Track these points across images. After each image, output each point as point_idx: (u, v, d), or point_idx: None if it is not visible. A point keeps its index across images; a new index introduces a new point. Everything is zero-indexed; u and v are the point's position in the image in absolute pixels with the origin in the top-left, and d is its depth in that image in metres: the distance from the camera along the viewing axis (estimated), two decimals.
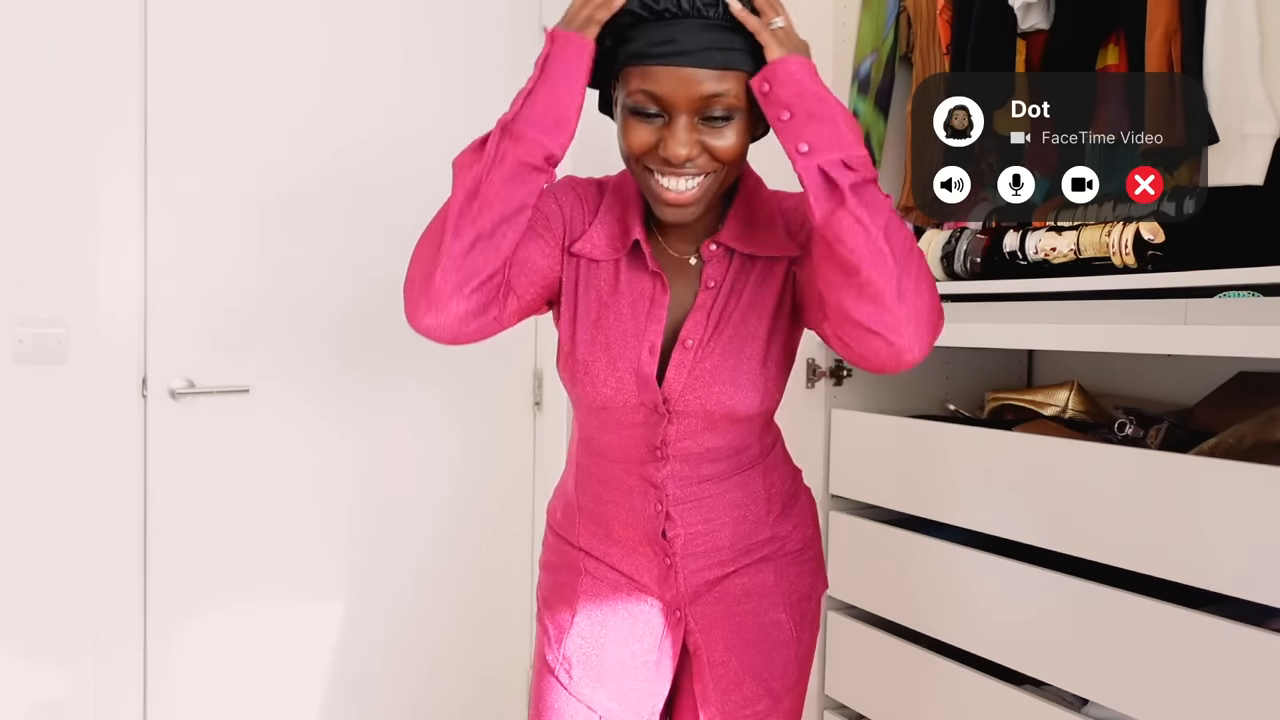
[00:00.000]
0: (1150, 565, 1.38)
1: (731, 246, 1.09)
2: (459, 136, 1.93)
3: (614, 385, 1.09)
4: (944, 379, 2.16)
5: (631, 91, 0.98)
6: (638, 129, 1.00)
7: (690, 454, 1.13)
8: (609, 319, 1.09)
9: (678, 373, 1.09)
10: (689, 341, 1.09)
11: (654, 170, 1.01)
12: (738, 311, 1.09)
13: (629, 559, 1.18)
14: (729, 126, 0.99)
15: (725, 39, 0.96)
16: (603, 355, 1.09)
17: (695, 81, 0.95)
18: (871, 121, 2.03)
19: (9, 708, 1.73)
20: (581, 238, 1.10)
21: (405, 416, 2.03)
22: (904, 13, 2.00)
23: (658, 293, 1.09)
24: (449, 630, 2.07)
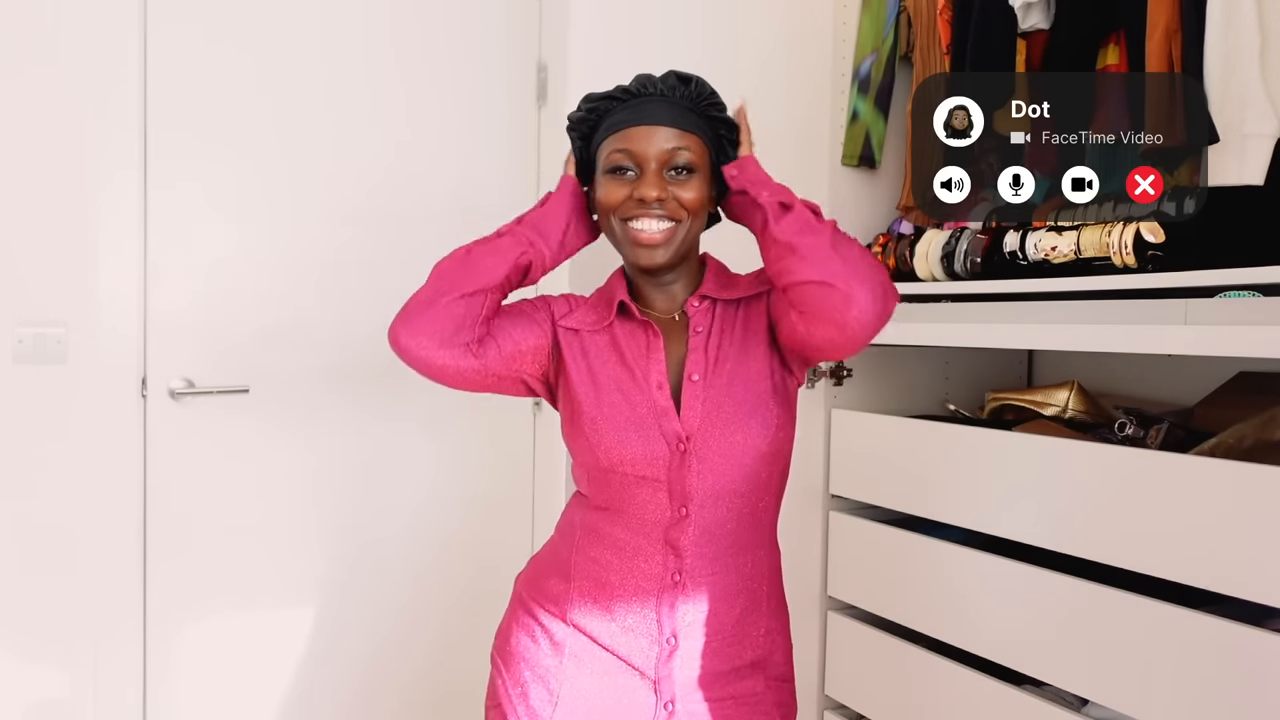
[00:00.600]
0: (1150, 565, 1.38)
1: (713, 296, 1.21)
2: (458, 136, 1.92)
3: (635, 428, 1.14)
4: (944, 379, 2.16)
5: (608, 155, 1.17)
6: (614, 186, 1.17)
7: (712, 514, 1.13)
8: (611, 374, 1.18)
9: (692, 407, 1.14)
10: (695, 376, 1.16)
11: (628, 219, 1.16)
12: (733, 347, 1.18)
13: (625, 637, 1.14)
14: (691, 180, 1.17)
15: (684, 113, 1.18)
16: (623, 405, 1.15)
17: (661, 138, 1.15)
18: (871, 121, 2.04)
19: (8, 708, 1.73)
20: (569, 315, 1.23)
21: (405, 417, 2.03)
22: (904, 12, 2.00)
23: (651, 338, 1.19)
24: (449, 631, 2.07)
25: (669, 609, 1.13)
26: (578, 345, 1.21)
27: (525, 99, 2.08)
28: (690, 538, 1.13)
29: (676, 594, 1.13)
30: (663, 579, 1.13)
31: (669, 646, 1.13)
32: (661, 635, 1.13)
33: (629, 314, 1.21)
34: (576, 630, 1.16)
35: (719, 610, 1.14)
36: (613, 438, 1.13)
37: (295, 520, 1.95)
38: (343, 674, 2.00)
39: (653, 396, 1.15)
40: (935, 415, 2.00)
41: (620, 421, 1.14)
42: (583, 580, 1.17)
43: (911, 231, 1.97)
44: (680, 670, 1.14)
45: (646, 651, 1.14)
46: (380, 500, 2.02)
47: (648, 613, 1.13)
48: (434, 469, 2.07)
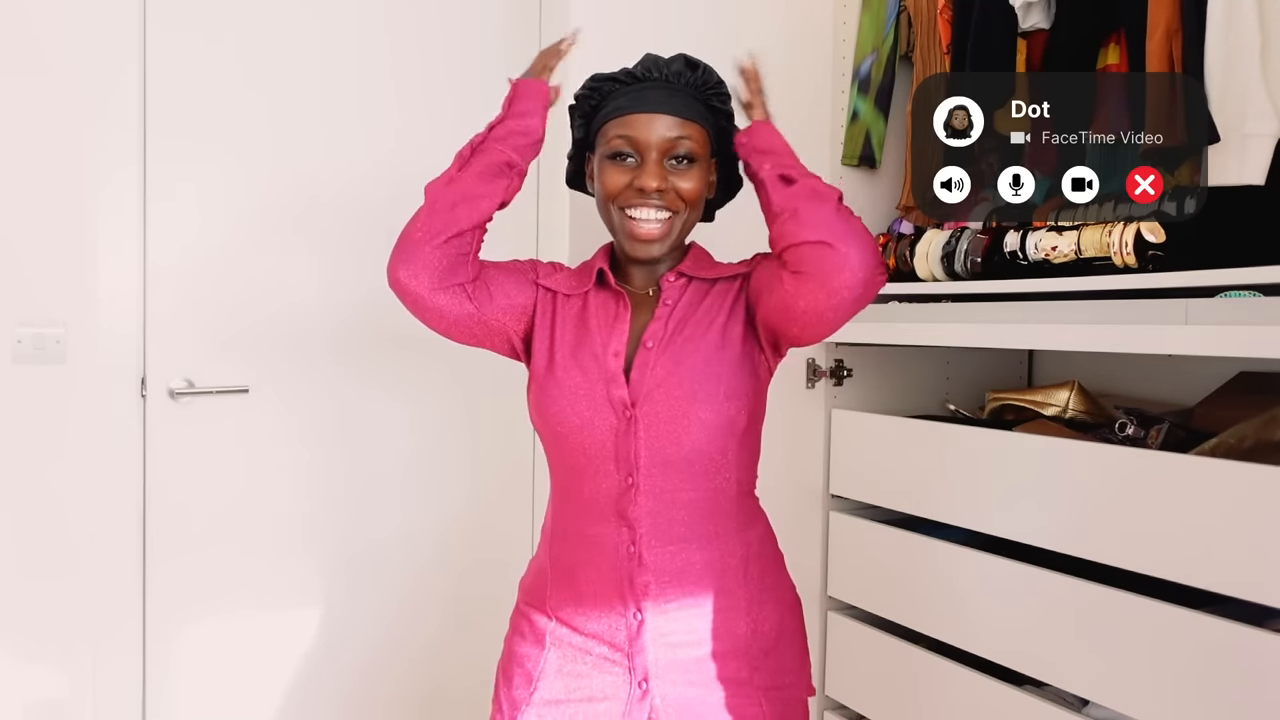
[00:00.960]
0: (1150, 565, 1.38)
1: (688, 274, 1.23)
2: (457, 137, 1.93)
3: (584, 395, 1.15)
4: (944, 379, 2.16)
5: (610, 140, 1.18)
6: (614, 172, 1.18)
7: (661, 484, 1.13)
8: (571, 340, 1.20)
9: (641, 371, 1.15)
10: (649, 343, 1.17)
11: (627, 209, 1.17)
12: (696, 319, 1.19)
13: (598, 618, 1.15)
14: (691, 170, 1.18)
15: (689, 101, 1.18)
16: (576, 371, 1.17)
17: (662, 126, 1.16)
18: (872, 121, 2.04)
19: (8, 708, 1.73)
20: (551, 277, 1.26)
21: (405, 417, 2.03)
22: (904, 12, 2.00)
23: (620, 309, 1.20)
24: (449, 630, 2.07)
25: (629, 583, 1.13)
26: (550, 307, 1.23)
27: None
28: (642, 508, 1.13)
29: (634, 566, 1.13)
30: (619, 552, 1.14)
31: (636, 622, 1.13)
32: (627, 611, 1.14)
33: (605, 283, 1.23)
34: (557, 621, 1.18)
35: (685, 588, 1.14)
36: (561, 403, 1.15)
37: (295, 520, 1.95)
38: (343, 674, 2.00)
39: (606, 364, 1.16)
40: (935, 415, 2.00)
41: (570, 387, 1.16)
42: (557, 573, 1.19)
43: (912, 231, 1.97)
44: (652, 648, 1.13)
45: (617, 628, 1.14)
46: (380, 500, 2.02)
47: (612, 590, 1.14)
48: (434, 469, 2.07)
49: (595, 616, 1.15)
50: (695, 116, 1.18)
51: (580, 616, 1.16)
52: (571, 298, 1.23)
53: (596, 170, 1.22)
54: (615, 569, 1.14)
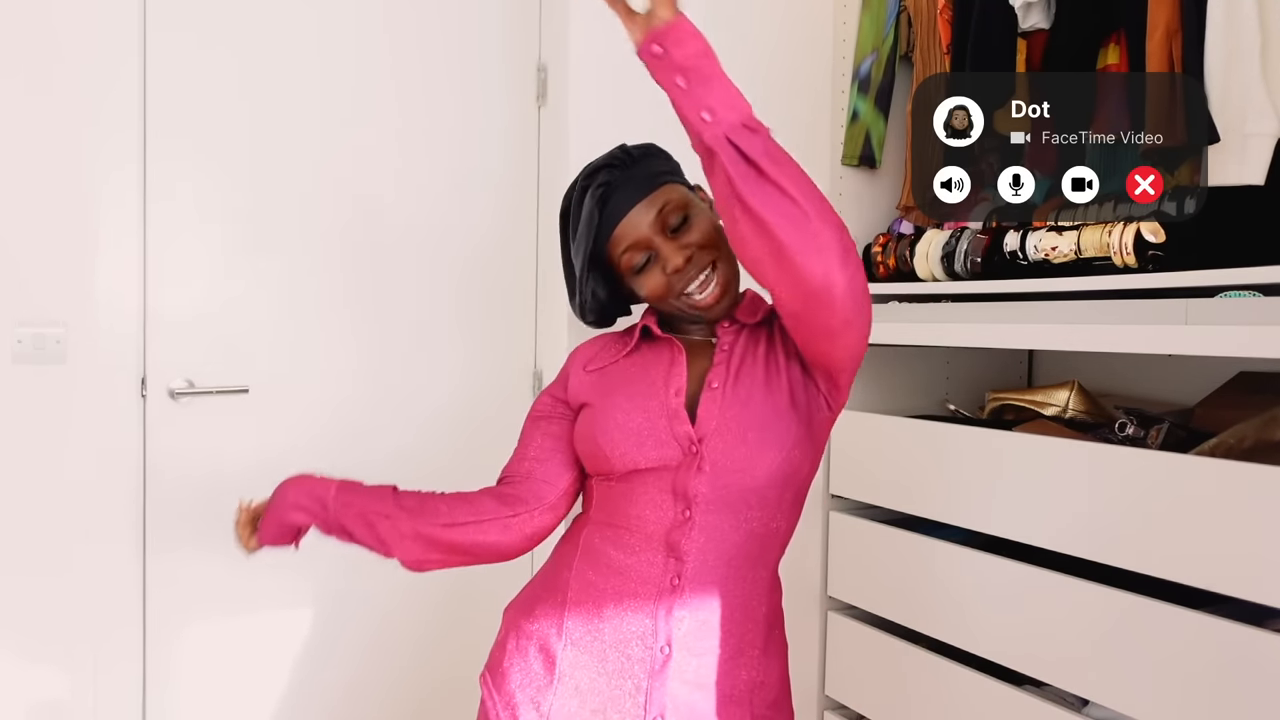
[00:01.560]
0: (1150, 565, 1.38)
1: (742, 321, 1.21)
2: (457, 136, 1.92)
3: (648, 429, 1.13)
4: (944, 379, 2.16)
5: (621, 258, 1.18)
6: (648, 279, 1.18)
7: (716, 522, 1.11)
8: (627, 387, 1.18)
9: (708, 411, 1.13)
10: (714, 384, 1.15)
11: (679, 293, 1.17)
12: (757, 364, 1.17)
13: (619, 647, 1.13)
14: (692, 223, 1.17)
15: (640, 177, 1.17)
16: (636, 411, 1.15)
17: (644, 213, 1.16)
18: (872, 121, 2.04)
19: (8, 708, 1.73)
20: (593, 359, 1.25)
21: (405, 417, 2.03)
22: (904, 12, 2.00)
23: (675, 354, 1.20)
24: (448, 631, 2.07)
25: (665, 614, 1.11)
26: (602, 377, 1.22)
27: (525, 99, 2.07)
28: (693, 542, 1.11)
29: (674, 598, 1.11)
30: (661, 583, 1.11)
31: (663, 655, 1.11)
32: (656, 643, 1.11)
33: (651, 336, 1.22)
34: (570, 647, 1.15)
35: (716, 626, 1.12)
36: (619, 439, 1.14)
37: None
38: (343, 674, 2.00)
39: (668, 402, 1.15)
40: (935, 415, 2.00)
41: (631, 426, 1.14)
42: (579, 599, 1.15)
43: (912, 231, 1.97)
44: (672, 682, 1.11)
45: (640, 660, 1.11)
46: None
47: (643, 619, 1.11)
48: (434, 470, 2.07)
49: (617, 650, 1.12)
50: (656, 181, 1.17)
51: (600, 648, 1.13)
52: (617, 361, 1.23)
53: (632, 284, 1.21)
54: (654, 599, 1.12)
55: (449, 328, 2.05)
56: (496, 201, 2.07)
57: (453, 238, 2.04)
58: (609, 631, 1.13)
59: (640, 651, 1.11)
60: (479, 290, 2.07)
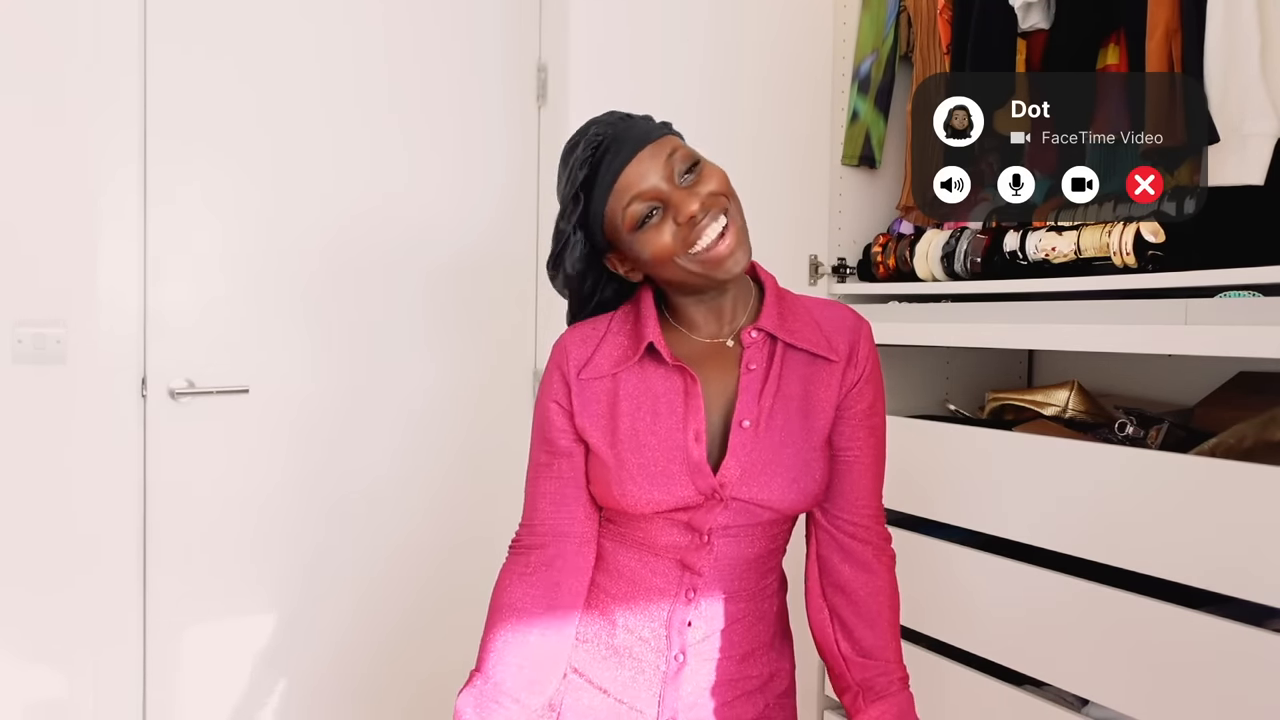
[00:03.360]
0: (1150, 565, 1.38)
1: (772, 333, 1.10)
2: (457, 136, 1.92)
3: (664, 481, 1.05)
4: (944, 379, 2.16)
5: (625, 211, 1.04)
6: (654, 235, 1.04)
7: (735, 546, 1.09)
8: (643, 423, 1.07)
9: (736, 455, 1.06)
10: (745, 422, 1.06)
11: (691, 244, 1.04)
12: (792, 400, 1.08)
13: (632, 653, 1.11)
14: (703, 169, 1.06)
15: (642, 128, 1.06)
16: (654, 455, 1.06)
17: (649, 159, 1.04)
18: (871, 121, 2.04)
19: (8, 708, 1.73)
20: (589, 364, 1.10)
21: (406, 417, 2.03)
22: (904, 12, 2.00)
23: (688, 384, 1.08)
24: (448, 632, 2.07)
25: (680, 625, 1.10)
26: (597, 392, 1.10)
27: (525, 99, 2.07)
28: (709, 562, 1.09)
29: (689, 609, 1.10)
30: (676, 595, 1.10)
31: (677, 664, 1.10)
32: (670, 651, 1.10)
33: (657, 356, 1.09)
34: (580, 646, 1.13)
35: (730, 630, 1.12)
36: (639, 491, 1.06)
37: (295, 520, 1.95)
38: (343, 674, 2.00)
39: (688, 449, 1.05)
40: (935, 415, 2.00)
41: (649, 477, 1.06)
42: (590, 603, 1.14)
43: (912, 231, 1.97)
44: (686, 687, 1.11)
45: (653, 665, 1.11)
46: (380, 500, 2.02)
47: (657, 629, 1.10)
48: (434, 470, 2.07)
49: (632, 649, 1.11)
50: (661, 129, 1.07)
51: (613, 652, 1.12)
52: (620, 376, 1.10)
53: (633, 253, 1.07)
54: (669, 610, 1.10)
55: (449, 327, 2.05)
56: (497, 201, 2.08)
57: (453, 237, 2.04)
58: (621, 636, 1.12)
59: (654, 658, 1.11)
60: (479, 289, 2.07)
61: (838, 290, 2.08)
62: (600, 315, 1.15)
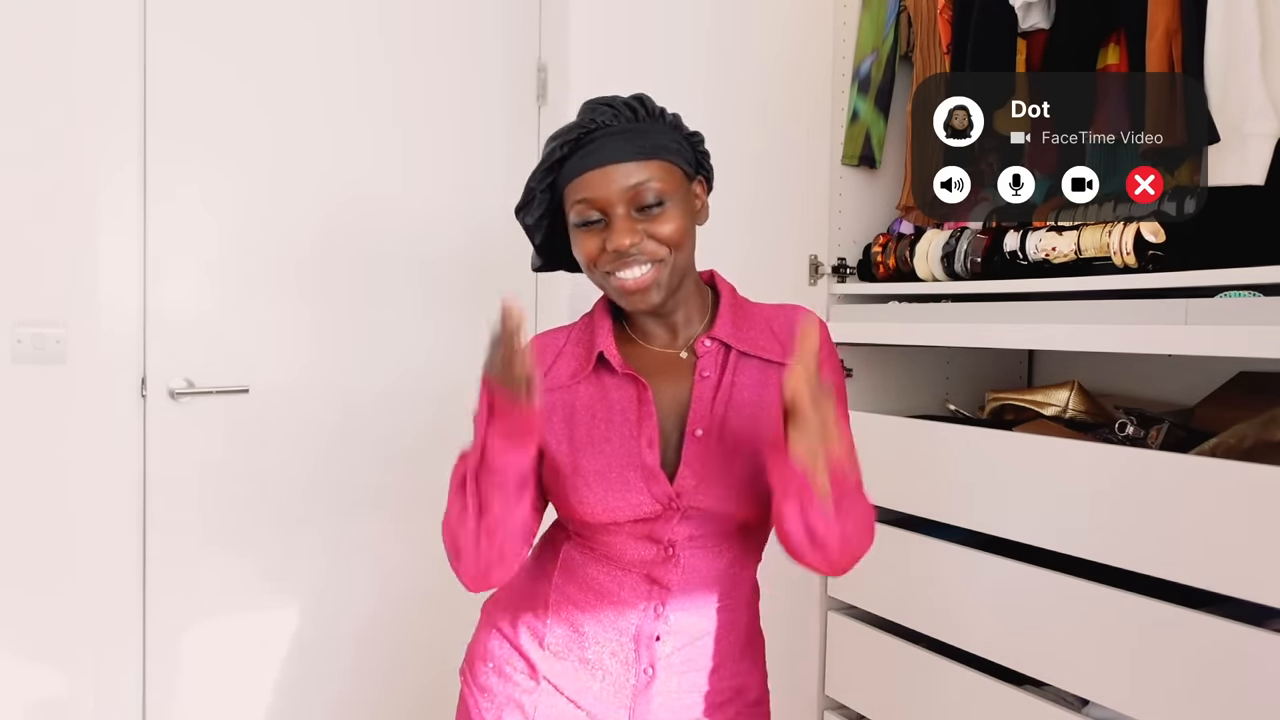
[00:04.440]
0: (1150, 565, 1.38)
1: (726, 341, 1.11)
2: (458, 136, 1.92)
3: (620, 490, 1.06)
4: (944, 379, 2.16)
5: (572, 206, 1.06)
6: (586, 239, 1.06)
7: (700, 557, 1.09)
8: (599, 431, 1.08)
9: (690, 465, 1.06)
10: (698, 431, 1.07)
11: (609, 270, 1.06)
12: (744, 406, 1.09)
13: (602, 668, 1.11)
14: (664, 212, 1.04)
15: (639, 137, 1.05)
16: (609, 465, 1.07)
17: (619, 176, 1.03)
18: (871, 121, 2.04)
19: (8, 708, 1.73)
20: (546, 376, 1.11)
21: (405, 417, 2.03)
22: (904, 12, 2.00)
23: (640, 392, 1.08)
24: (447, 633, 2.07)
25: (649, 640, 1.10)
26: (559, 405, 1.10)
27: (525, 99, 2.07)
28: (675, 576, 1.09)
29: (657, 623, 1.10)
30: (645, 611, 1.10)
31: (646, 677, 1.10)
32: (639, 665, 1.10)
33: (609, 367, 1.10)
34: (553, 657, 1.13)
35: (700, 646, 1.12)
36: (595, 499, 1.06)
37: (295, 521, 1.95)
38: (342, 675, 2.00)
39: (642, 457, 1.06)
40: (935, 415, 2.00)
41: (605, 484, 1.06)
42: (559, 612, 1.14)
43: (912, 231, 1.97)
44: (656, 700, 1.11)
45: (623, 680, 1.11)
46: (380, 500, 2.02)
47: (625, 642, 1.10)
48: (434, 470, 2.07)
49: (602, 661, 1.11)
50: (655, 152, 1.05)
51: (584, 665, 1.12)
52: (575, 387, 1.11)
53: (571, 238, 1.10)
54: (636, 624, 1.10)
55: (449, 327, 2.05)
56: (496, 201, 2.07)
57: (453, 237, 2.04)
58: (591, 648, 1.12)
59: (623, 671, 1.11)
60: (479, 289, 2.07)
61: (838, 290, 2.07)
62: (562, 327, 1.19)
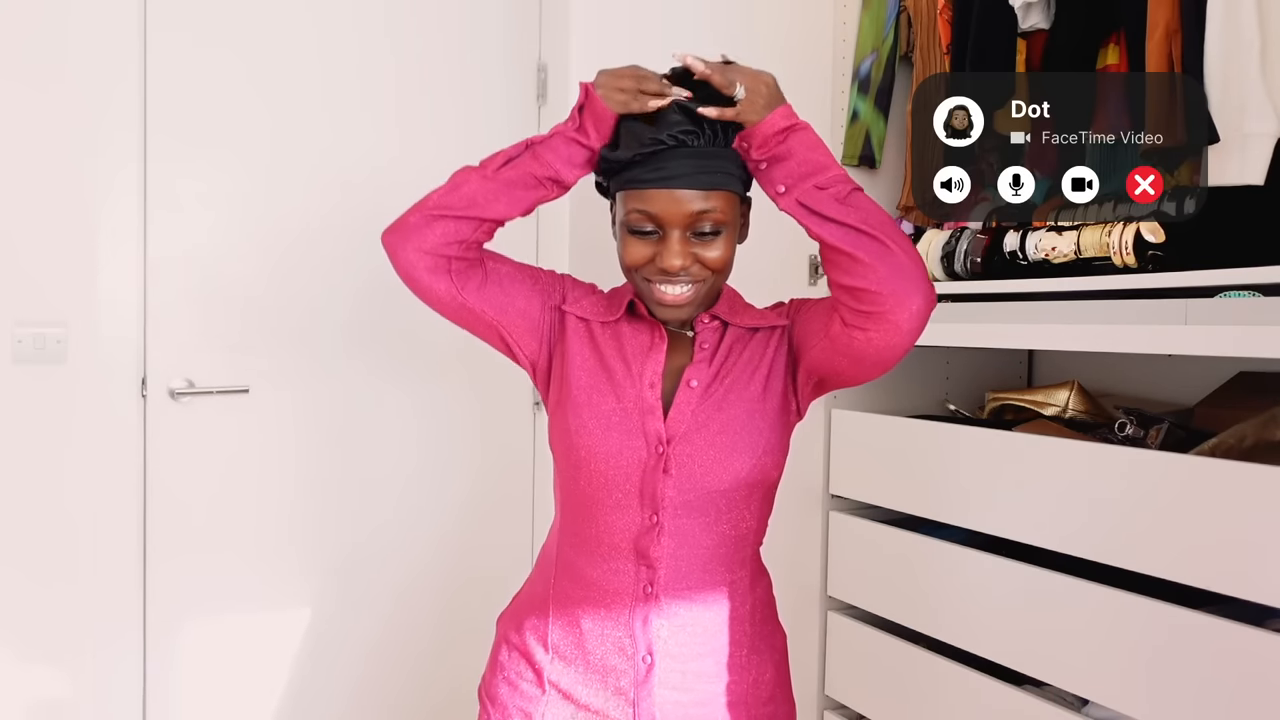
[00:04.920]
0: (1150, 565, 1.38)
1: (724, 319, 1.17)
2: (458, 136, 1.92)
3: (618, 423, 1.11)
4: (944, 379, 2.16)
5: (629, 212, 1.10)
6: (635, 245, 1.10)
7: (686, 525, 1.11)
8: (609, 368, 1.15)
9: (682, 410, 1.12)
10: (693, 382, 1.13)
11: (651, 279, 1.11)
12: (737, 368, 1.15)
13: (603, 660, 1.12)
14: (717, 240, 1.10)
15: (710, 164, 1.08)
16: (610, 397, 1.13)
17: (685, 201, 1.07)
18: (871, 121, 2.03)
19: (8, 708, 1.73)
20: (581, 303, 1.20)
21: (405, 417, 2.03)
22: (904, 12, 2.00)
23: (656, 339, 1.16)
24: (447, 631, 2.07)
25: (642, 623, 1.11)
26: (585, 333, 1.18)
27: (525, 99, 2.07)
28: (663, 548, 1.10)
29: (650, 607, 1.11)
30: (635, 592, 1.11)
31: (645, 665, 1.11)
32: (637, 653, 1.11)
33: (637, 313, 1.18)
34: (556, 659, 1.15)
35: (697, 631, 1.12)
36: (591, 428, 1.11)
37: (294, 521, 1.95)
38: (342, 675, 2.00)
39: (642, 393, 1.12)
40: (935, 415, 2.00)
41: (603, 413, 1.12)
42: (560, 612, 1.15)
43: (912, 231, 1.97)
44: (660, 690, 1.11)
45: (623, 671, 1.11)
46: (379, 501, 2.02)
47: (621, 630, 1.11)
48: (433, 470, 2.07)
49: (602, 663, 1.12)
50: (719, 184, 1.08)
51: (585, 661, 1.13)
52: (605, 325, 1.19)
53: (617, 230, 1.15)
54: (629, 609, 1.11)
55: (448, 327, 2.05)
56: None
57: None
58: (591, 643, 1.13)
59: (622, 662, 1.11)
60: None
61: None
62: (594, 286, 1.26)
